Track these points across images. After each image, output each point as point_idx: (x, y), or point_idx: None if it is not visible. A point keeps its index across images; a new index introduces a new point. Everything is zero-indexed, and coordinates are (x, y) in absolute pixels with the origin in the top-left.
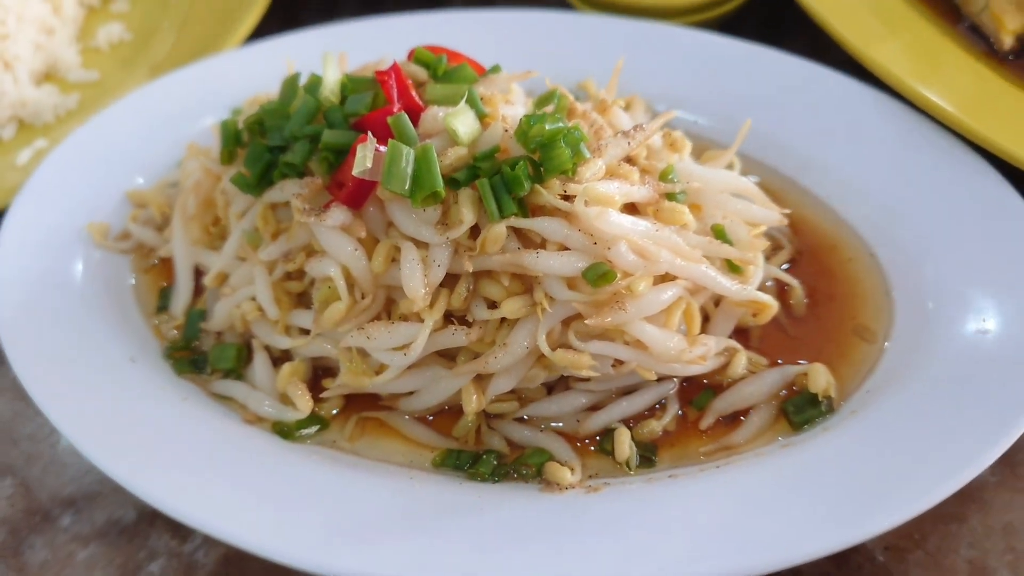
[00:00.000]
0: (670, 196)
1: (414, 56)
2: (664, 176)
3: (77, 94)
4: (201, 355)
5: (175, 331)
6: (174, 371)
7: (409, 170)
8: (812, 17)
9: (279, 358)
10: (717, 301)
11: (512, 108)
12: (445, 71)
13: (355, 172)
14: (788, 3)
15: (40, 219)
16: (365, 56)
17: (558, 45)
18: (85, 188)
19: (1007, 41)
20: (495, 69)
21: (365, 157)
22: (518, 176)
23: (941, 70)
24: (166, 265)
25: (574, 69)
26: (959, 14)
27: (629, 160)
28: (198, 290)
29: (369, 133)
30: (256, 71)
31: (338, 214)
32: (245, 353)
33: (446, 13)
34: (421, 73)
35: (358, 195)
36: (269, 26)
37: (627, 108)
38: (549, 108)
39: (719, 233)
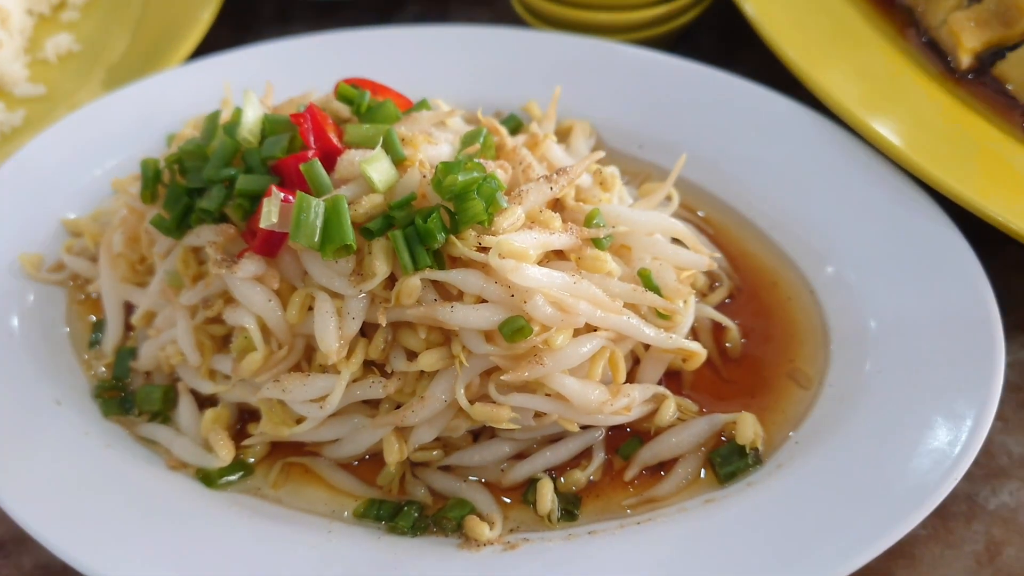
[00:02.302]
0: (595, 241)
1: (337, 92)
2: (589, 220)
3: (23, 110)
4: (131, 395)
5: (105, 369)
6: (101, 412)
7: (319, 222)
8: (758, 34)
9: (206, 399)
10: (648, 344)
11: (436, 148)
12: (368, 108)
13: (262, 225)
14: (742, 17)
15: None
16: (308, 75)
17: (505, 62)
18: (19, 217)
19: (964, 60)
20: (422, 105)
21: (271, 211)
22: (431, 228)
23: (891, 94)
24: (100, 298)
25: (520, 87)
26: (916, 28)
27: (555, 203)
28: (130, 325)
29: (274, 187)
30: (199, 90)
31: (250, 265)
32: (172, 395)
33: (396, 29)
34: (344, 109)
35: (271, 244)
36: (222, 37)
37: (567, 133)
38: (475, 147)
39: (645, 279)
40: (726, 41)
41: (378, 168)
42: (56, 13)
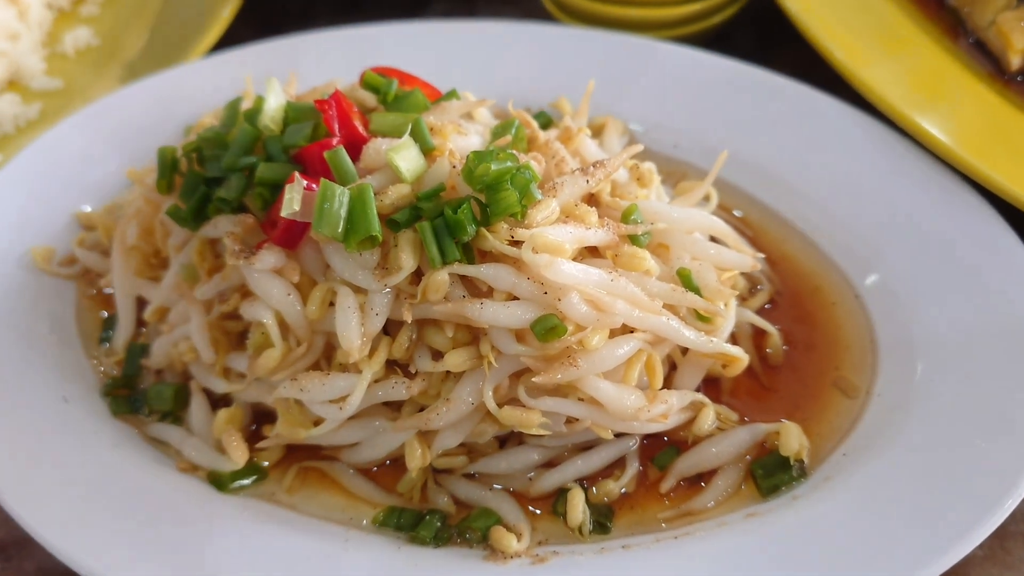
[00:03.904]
0: (633, 239)
1: (363, 80)
2: (626, 216)
3: (40, 103)
4: (141, 393)
5: (115, 366)
6: (110, 411)
7: (343, 212)
8: (801, 33)
9: (220, 399)
10: (685, 349)
11: (466, 139)
12: (395, 97)
13: (283, 214)
14: (780, 14)
15: None
16: (333, 68)
17: (535, 58)
18: (32, 210)
19: (1015, 61)
20: (451, 95)
21: (292, 199)
22: (461, 220)
23: (939, 94)
24: (112, 294)
25: (551, 84)
26: (963, 29)
27: (590, 198)
28: (142, 322)
29: (297, 174)
30: (219, 83)
31: (269, 257)
32: (184, 394)
33: (421, 23)
34: (370, 99)
35: (292, 235)
36: (242, 32)
37: (600, 131)
38: (506, 139)
39: (685, 279)
40: (763, 40)
41: (406, 157)
42: (76, 7)
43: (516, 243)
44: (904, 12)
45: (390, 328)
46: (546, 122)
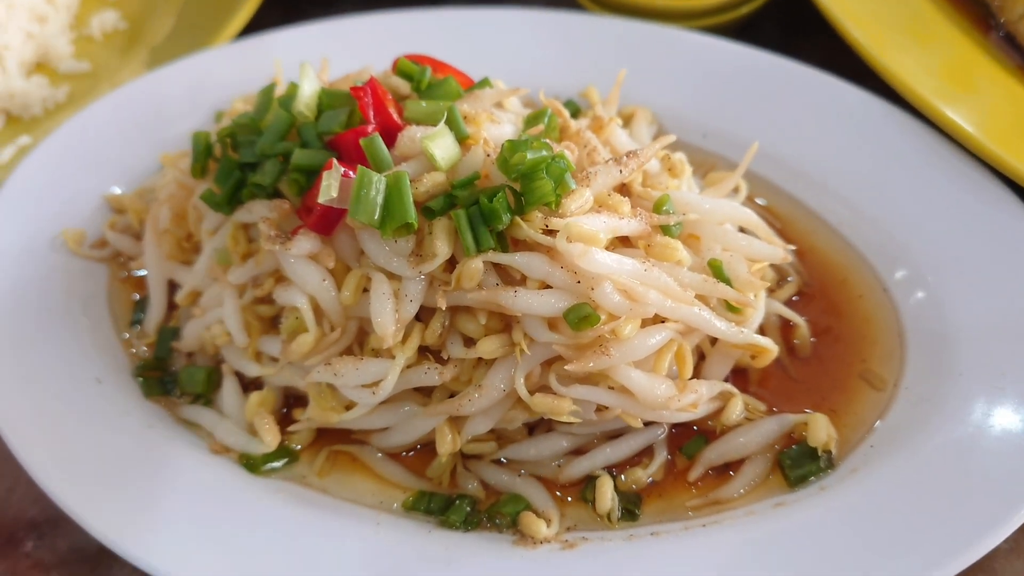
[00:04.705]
0: (665, 229)
1: (396, 67)
2: (659, 207)
3: (67, 86)
4: (172, 375)
5: (146, 348)
6: (143, 392)
7: (379, 199)
8: (829, 22)
9: (251, 382)
10: (714, 339)
11: (499, 128)
12: (428, 84)
13: (320, 200)
14: (805, 4)
15: (14, 225)
16: (361, 55)
17: (563, 47)
18: (63, 192)
19: None
20: (484, 83)
21: (330, 185)
22: (496, 208)
23: (968, 86)
24: (142, 276)
25: (578, 73)
26: (994, 22)
27: (622, 187)
28: (173, 305)
29: (335, 161)
30: (248, 68)
31: (305, 242)
32: (216, 377)
33: (448, 11)
34: (403, 86)
35: (327, 221)
36: (268, 18)
37: (629, 121)
38: (539, 128)
39: (716, 270)
40: (789, 30)
41: (441, 145)
42: None
43: (550, 232)
44: (934, 3)
45: (422, 314)
46: (574, 111)
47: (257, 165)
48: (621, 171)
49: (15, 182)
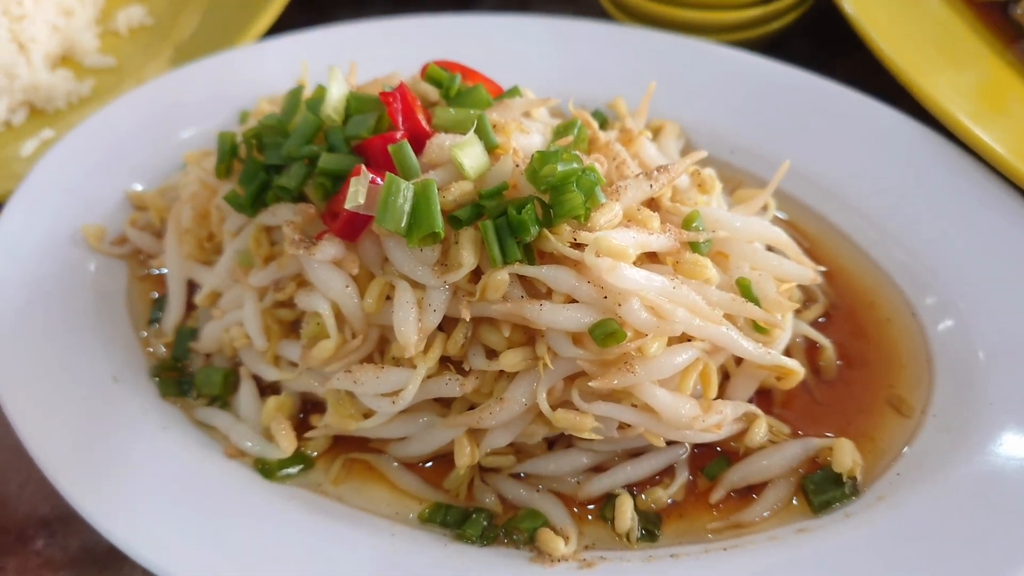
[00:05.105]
0: (693, 246)
1: (426, 74)
2: (688, 223)
3: (92, 80)
4: (189, 376)
5: (164, 348)
6: (159, 392)
7: (407, 207)
8: (862, 40)
9: (268, 386)
10: (739, 358)
11: (528, 137)
12: (458, 92)
13: (347, 207)
14: (840, 20)
15: (35, 219)
16: (388, 59)
17: (590, 57)
18: (84, 187)
19: None
20: (513, 92)
21: (357, 192)
22: (524, 220)
23: (1002, 108)
24: (162, 274)
25: (605, 83)
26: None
27: (651, 202)
28: (192, 305)
29: (363, 167)
30: (274, 68)
31: (329, 248)
32: (233, 379)
33: (476, 16)
34: (432, 92)
35: (353, 227)
36: (294, 19)
37: (657, 134)
38: (568, 139)
39: (745, 289)
40: (820, 48)
41: (470, 154)
42: None
43: (578, 245)
44: (967, 23)
45: (445, 324)
46: (601, 122)
47: (282, 168)
48: (651, 186)
49: (37, 176)
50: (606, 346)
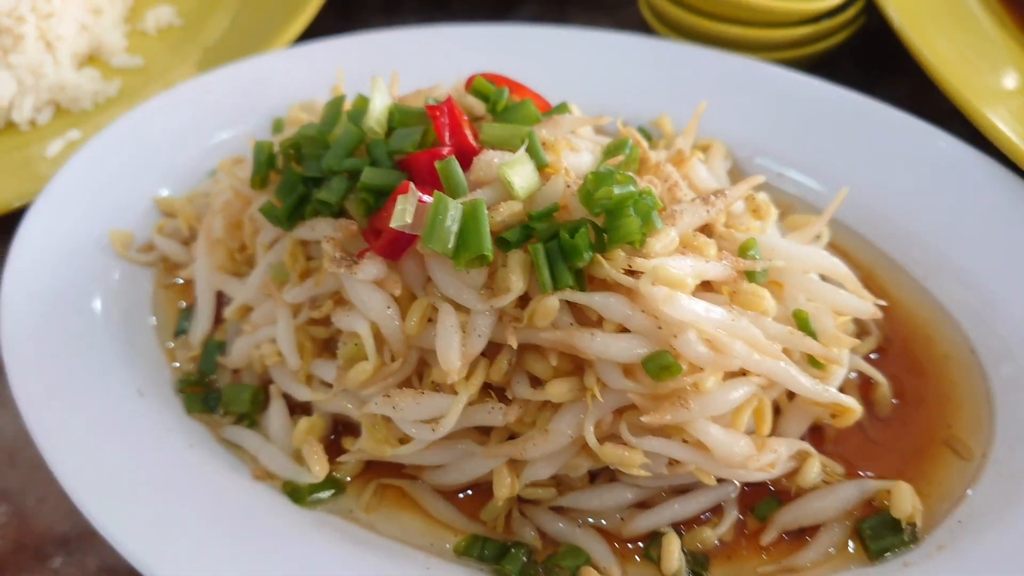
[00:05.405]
0: (749, 275)
1: (472, 87)
2: (744, 251)
3: (119, 80)
4: (215, 392)
5: (190, 362)
6: (185, 408)
7: (455, 228)
8: (918, 62)
9: (297, 405)
10: (792, 393)
11: (578, 156)
12: (505, 107)
13: (393, 225)
14: (885, 41)
15: (61, 223)
16: (424, 67)
17: (633, 72)
18: (111, 191)
19: None
20: (562, 108)
21: (405, 210)
22: (578, 246)
23: None
24: (189, 284)
25: (649, 100)
26: None
27: (705, 228)
28: (219, 317)
29: (411, 184)
30: (306, 74)
31: (372, 267)
32: (262, 397)
33: (513, 27)
34: (478, 106)
35: (397, 246)
36: (327, 24)
37: (704, 153)
38: (618, 159)
39: (802, 322)
40: (866, 69)
41: (520, 173)
42: None
43: (632, 272)
44: (1020, 44)
45: (487, 349)
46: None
47: (321, 180)
48: (708, 211)
49: (63, 178)
50: (661, 380)
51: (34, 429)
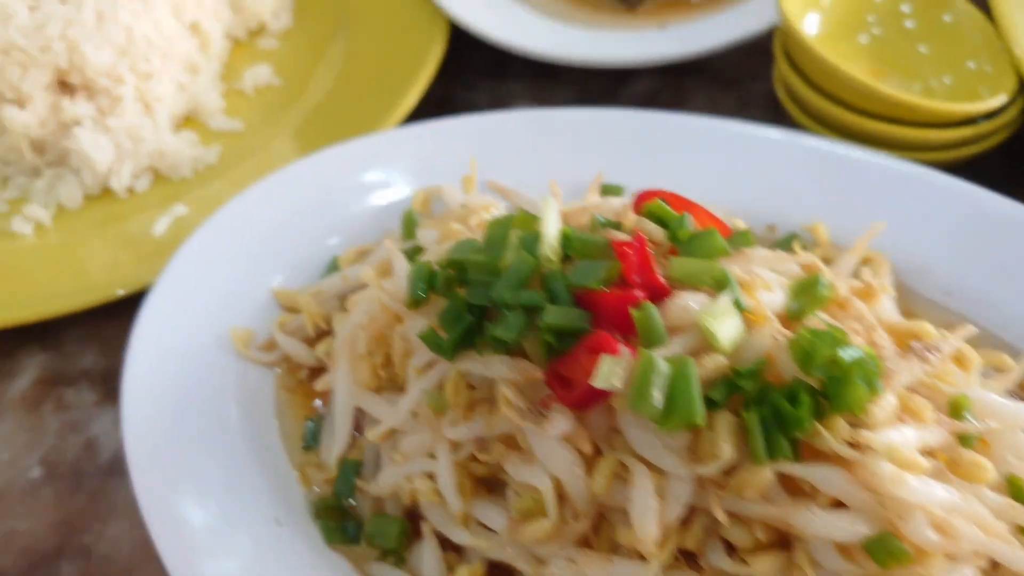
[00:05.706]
0: (962, 439)
1: (645, 209)
2: (956, 410)
3: (218, 146)
4: (354, 520)
5: (324, 484)
6: (324, 538)
7: (662, 389)
8: None
9: (445, 539)
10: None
11: (771, 295)
12: (690, 237)
13: (597, 386)
14: None
15: (178, 319)
16: (534, 153)
17: (765, 168)
18: (228, 282)
19: None
20: (745, 237)
21: (612, 373)
22: (800, 416)
23: None
24: (309, 384)
25: (791, 203)
26: None
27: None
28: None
29: (621, 346)
30: (424, 154)
31: (562, 422)
32: (410, 531)
33: (630, 113)
34: (655, 231)
35: (589, 400)
36: (428, 91)
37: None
38: (814, 299)
39: (1017, 490)
40: (1007, 171)
41: (726, 324)
42: (252, 39)
43: (855, 445)
44: None
45: None
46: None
47: (487, 309)
48: (923, 368)
49: (177, 267)
50: (886, 567)
51: (169, 563)
